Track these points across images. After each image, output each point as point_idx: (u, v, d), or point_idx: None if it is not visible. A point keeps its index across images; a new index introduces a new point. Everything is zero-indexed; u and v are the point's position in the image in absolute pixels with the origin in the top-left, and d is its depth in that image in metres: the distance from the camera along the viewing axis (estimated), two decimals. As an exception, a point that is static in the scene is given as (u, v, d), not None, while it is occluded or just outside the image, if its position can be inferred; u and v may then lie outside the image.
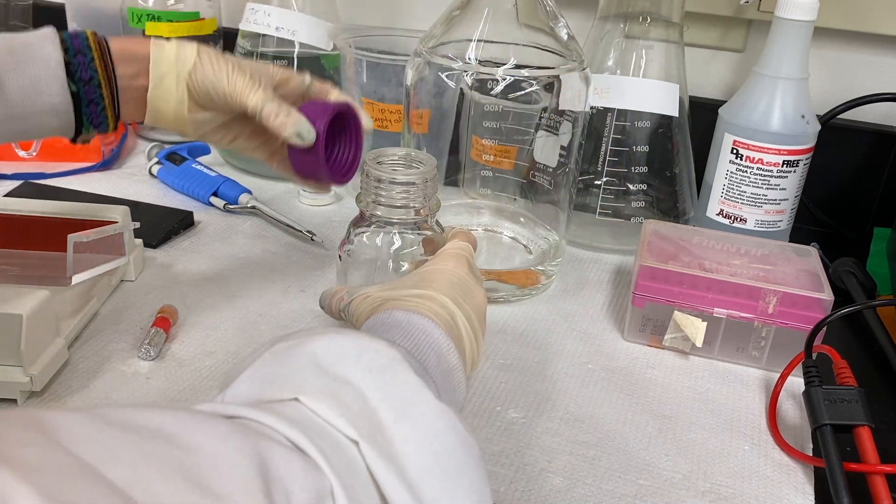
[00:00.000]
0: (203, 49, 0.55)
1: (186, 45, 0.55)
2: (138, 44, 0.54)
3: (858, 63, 0.85)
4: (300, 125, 0.53)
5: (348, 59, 0.80)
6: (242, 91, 0.54)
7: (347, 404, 0.33)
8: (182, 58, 0.54)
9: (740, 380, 0.60)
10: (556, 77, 0.64)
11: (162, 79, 0.54)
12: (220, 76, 0.54)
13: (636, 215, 0.77)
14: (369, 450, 0.32)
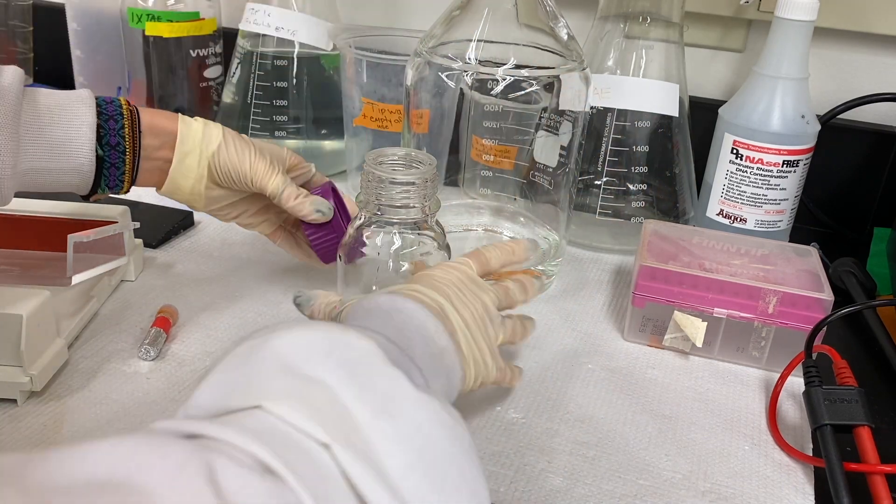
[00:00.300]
0: (228, 132, 0.58)
1: (212, 126, 0.58)
2: (167, 119, 0.57)
3: (858, 63, 0.85)
4: (318, 203, 0.59)
5: (348, 59, 0.80)
6: (263, 175, 0.58)
7: (317, 406, 0.32)
8: (207, 138, 0.57)
9: (740, 380, 0.60)
10: (556, 77, 0.64)
11: (186, 156, 0.57)
12: (242, 160, 0.57)
13: (636, 215, 0.77)
14: (342, 452, 0.30)
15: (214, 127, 0.58)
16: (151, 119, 0.57)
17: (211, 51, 0.94)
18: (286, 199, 0.59)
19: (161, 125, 0.57)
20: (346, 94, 0.82)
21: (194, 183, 0.58)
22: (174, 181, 0.58)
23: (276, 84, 0.86)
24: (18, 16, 0.99)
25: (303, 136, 0.88)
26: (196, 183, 0.58)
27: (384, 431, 0.32)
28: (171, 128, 0.57)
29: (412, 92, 0.67)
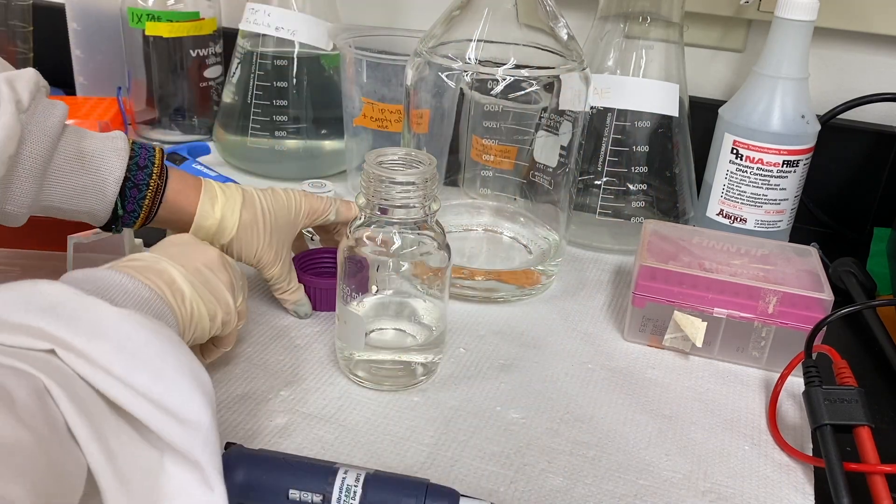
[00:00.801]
0: (243, 221, 0.58)
1: (228, 216, 0.58)
2: (189, 197, 0.57)
3: (858, 63, 0.85)
4: (299, 306, 0.62)
5: (348, 59, 0.80)
6: (266, 265, 0.60)
7: (31, 335, 0.36)
8: (222, 230, 0.58)
9: (740, 380, 0.60)
10: (556, 77, 0.64)
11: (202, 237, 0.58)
12: (250, 251, 0.59)
13: (636, 215, 0.77)
14: (66, 354, 0.36)
15: (230, 216, 0.58)
16: (175, 196, 0.57)
17: (211, 51, 0.94)
18: (277, 290, 0.62)
19: (181, 205, 0.57)
20: (346, 94, 0.82)
21: None
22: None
23: (276, 84, 0.86)
24: (18, 15, 0.99)
25: (303, 136, 0.88)
26: None
27: (101, 349, 0.36)
28: (190, 210, 0.57)
29: (412, 92, 0.67)
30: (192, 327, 0.48)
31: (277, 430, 0.51)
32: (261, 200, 0.59)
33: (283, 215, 0.60)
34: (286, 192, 0.61)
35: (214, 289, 0.50)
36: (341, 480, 0.42)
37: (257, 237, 0.59)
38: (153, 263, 0.48)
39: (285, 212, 0.60)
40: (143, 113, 0.95)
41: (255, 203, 0.59)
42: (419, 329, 0.57)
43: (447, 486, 0.43)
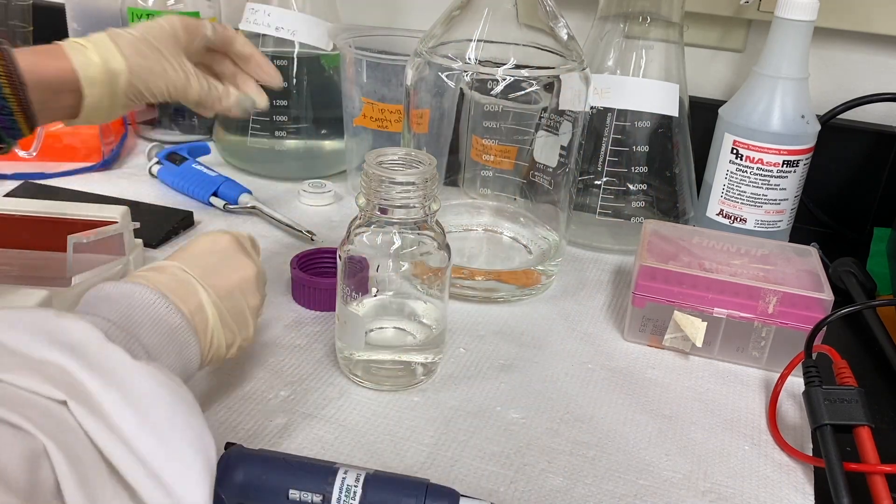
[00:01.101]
0: (128, 50, 0.53)
1: (111, 56, 0.52)
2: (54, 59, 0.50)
3: (858, 63, 0.85)
4: (244, 101, 0.59)
5: (348, 59, 0.80)
6: (182, 88, 0.55)
7: (50, 374, 0.35)
8: (113, 72, 0.52)
9: (740, 380, 0.60)
10: (556, 77, 0.64)
11: (98, 101, 0.53)
12: (157, 80, 0.54)
13: (636, 215, 0.77)
14: (78, 407, 0.34)
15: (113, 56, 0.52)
16: (36, 68, 0.49)
17: (211, 51, 0.94)
18: (211, 106, 0.58)
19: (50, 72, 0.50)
20: (346, 94, 0.82)
21: (110, 112, 0.55)
22: (88, 112, 0.53)
23: (276, 84, 0.86)
24: (18, 15, 0.99)
25: (303, 136, 0.88)
26: (111, 109, 0.54)
27: (113, 399, 0.36)
28: (64, 71, 0.50)
29: (412, 92, 0.67)
30: (208, 356, 0.47)
31: (277, 430, 0.51)
32: (128, 31, 0.55)
33: (159, 33, 0.55)
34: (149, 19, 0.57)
35: (239, 316, 0.49)
36: (341, 480, 0.42)
37: (155, 61, 0.54)
38: (184, 281, 0.46)
39: (158, 29, 0.56)
40: (144, 113, 0.95)
41: (124, 34, 0.54)
42: (419, 328, 0.58)
43: (447, 486, 0.43)
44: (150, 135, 0.96)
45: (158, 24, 0.56)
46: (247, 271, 0.50)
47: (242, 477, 0.42)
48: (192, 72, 0.56)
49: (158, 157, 0.86)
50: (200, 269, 0.47)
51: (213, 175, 0.82)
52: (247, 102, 0.60)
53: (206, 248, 0.50)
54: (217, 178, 0.82)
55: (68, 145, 0.88)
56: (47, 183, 0.83)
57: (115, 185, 0.84)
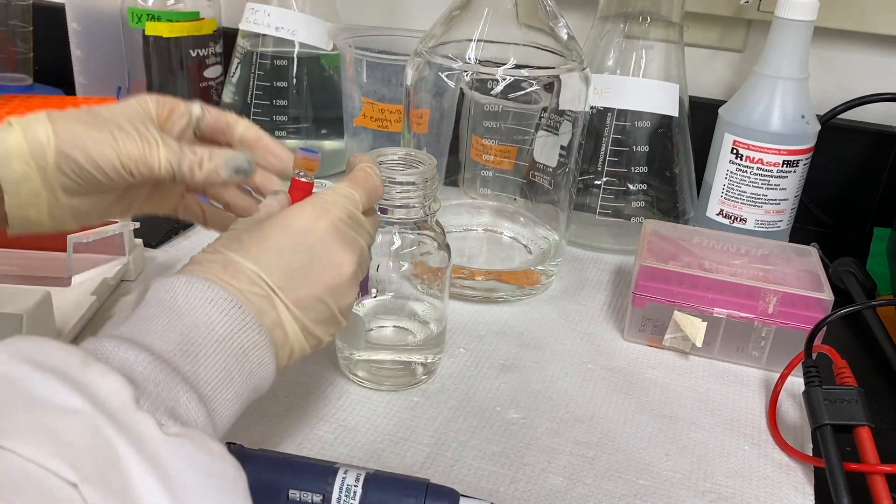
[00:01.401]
0: (57, 121, 0.41)
1: (36, 126, 0.40)
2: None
3: (858, 63, 0.85)
4: (234, 160, 0.43)
5: (348, 59, 0.80)
6: (141, 156, 0.41)
7: (68, 440, 0.28)
8: (35, 145, 0.40)
9: (740, 380, 0.60)
10: (556, 77, 0.64)
11: (19, 183, 0.40)
12: (101, 148, 0.41)
13: (636, 215, 0.77)
14: (92, 493, 0.27)
15: (38, 123, 0.41)
16: None
17: (211, 51, 0.94)
18: (190, 173, 0.42)
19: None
20: (346, 94, 0.82)
21: (49, 208, 0.42)
22: (18, 216, 0.42)
23: (276, 84, 0.86)
24: (18, 15, 0.99)
25: (303, 136, 0.88)
26: (51, 207, 0.42)
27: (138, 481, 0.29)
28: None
29: (412, 92, 0.67)
30: (287, 366, 0.41)
31: (277, 431, 0.51)
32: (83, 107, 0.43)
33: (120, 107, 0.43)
34: None
35: (328, 320, 0.41)
36: (341, 480, 0.42)
37: (91, 125, 0.41)
38: (260, 289, 0.38)
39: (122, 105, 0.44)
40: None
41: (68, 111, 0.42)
42: (419, 327, 0.58)
43: (447, 486, 0.43)
44: (150, 135, 0.95)
45: (124, 102, 0.44)
46: (342, 269, 0.41)
47: (242, 477, 0.42)
48: (154, 135, 0.42)
49: (158, 157, 0.86)
50: (281, 274, 0.39)
51: (213, 175, 0.82)
52: (239, 159, 0.43)
53: (295, 241, 0.40)
54: (217, 178, 0.82)
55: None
56: (47, 183, 0.83)
57: (115, 185, 0.84)
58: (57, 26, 1.00)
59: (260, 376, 0.38)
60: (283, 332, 0.39)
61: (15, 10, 0.99)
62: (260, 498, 0.42)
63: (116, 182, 0.42)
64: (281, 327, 0.39)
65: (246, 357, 0.37)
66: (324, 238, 0.41)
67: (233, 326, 0.37)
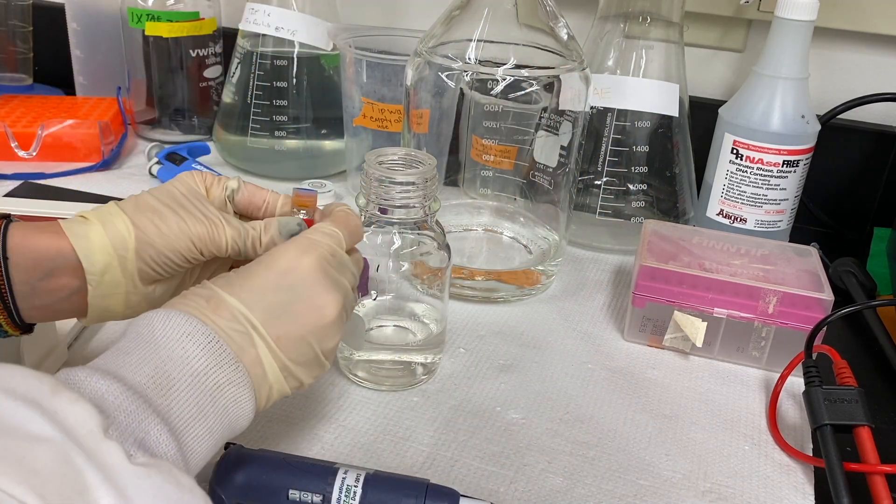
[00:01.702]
0: (131, 212, 0.43)
1: (114, 219, 0.43)
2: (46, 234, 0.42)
3: (858, 63, 0.85)
4: (287, 225, 0.45)
5: (348, 59, 0.80)
6: (210, 237, 0.44)
7: (35, 467, 0.28)
8: (116, 237, 0.42)
9: (740, 380, 0.60)
10: (556, 77, 0.64)
11: (102, 274, 0.42)
12: (175, 234, 0.43)
13: (636, 215, 0.77)
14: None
15: (115, 218, 0.43)
16: (23, 241, 0.41)
17: (211, 51, 0.94)
18: (253, 250, 0.45)
19: (40, 247, 0.41)
20: (346, 94, 0.82)
21: (127, 296, 0.44)
22: (100, 307, 0.44)
23: (276, 84, 0.86)
24: (18, 15, 0.99)
25: (303, 136, 0.88)
26: (129, 295, 0.44)
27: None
28: (59, 246, 0.42)
29: (412, 92, 0.67)
30: (265, 406, 0.40)
31: (277, 431, 0.51)
32: (136, 195, 0.45)
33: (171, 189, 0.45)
34: None
35: (310, 362, 0.41)
36: (341, 480, 0.42)
37: (170, 215, 0.43)
38: (241, 331, 0.38)
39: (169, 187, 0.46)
40: (143, 113, 0.95)
41: (130, 198, 0.45)
42: (419, 327, 0.58)
43: (447, 486, 0.43)
44: (150, 135, 0.96)
45: (172, 184, 0.46)
46: (326, 311, 0.41)
47: (242, 477, 0.42)
48: (217, 215, 0.44)
49: (158, 157, 0.86)
50: (263, 311, 0.39)
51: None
52: (291, 224, 0.46)
53: (279, 280, 0.40)
54: (217, 178, 0.82)
55: (68, 145, 0.88)
56: (47, 183, 0.83)
57: (115, 185, 0.84)
58: (57, 26, 1.00)
59: (236, 413, 0.38)
60: (262, 370, 0.39)
61: (15, 10, 0.99)
62: (260, 498, 0.42)
63: (190, 264, 0.44)
64: (259, 365, 0.39)
65: (221, 393, 0.37)
66: (306, 277, 0.41)
67: (209, 361, 0.37)
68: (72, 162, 0.87)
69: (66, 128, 0.88)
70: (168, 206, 0.44)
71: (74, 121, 0.88)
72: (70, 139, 0.87)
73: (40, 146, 0.87)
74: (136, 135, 0.97)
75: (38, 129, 0.87)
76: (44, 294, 0.42)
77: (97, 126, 0.88)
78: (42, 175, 0.84)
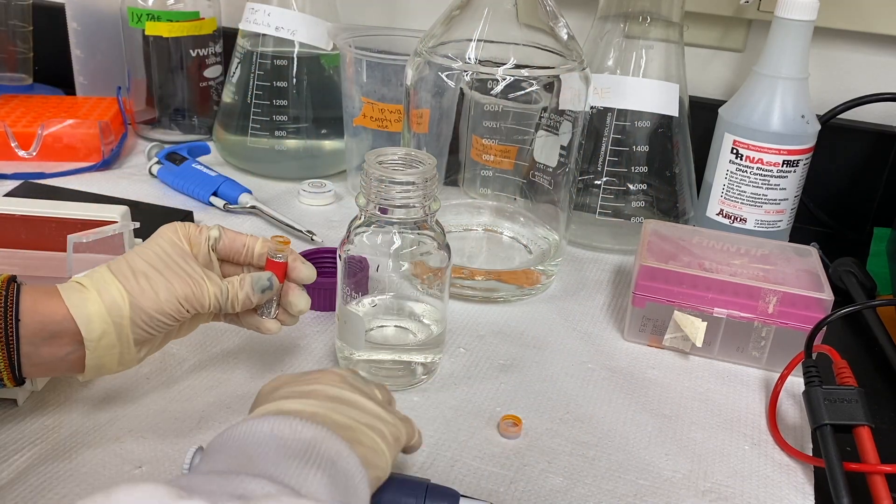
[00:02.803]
0: (122, 278, 0.46)
1: (108, 287, 0.45)
2: (52, 301, 0.44)
3: (858, 63, 0.85)
4: (258, 282, 0.50)
5: (348, 59, 0.80)
6: (194, 296, 0.47)
7: None
8: (111, 305, 0.45)
9: (740, 380, 0.60)
10: (556, 77, 0.64)
11: (99, 340, 0.45)
12: (167, 300, 0.46)
13: (636, 215, 0.77)
14: None
15: (110, 285, 0.45)
16: (33, 305, 0.44)
17: (211, 50, 0.94)
18: (232, 307, 0.49)
19: (46, 313, 0.44)
20: (346, 93, 0.82)
21: (120, 356, 0.46)
22: (95, 367, 0.46)
23: (276, 84, 0.86)
24: (18, 15, 0.99)
25: (303, 135, 0.88)
26: (122, 355, 0.46)
27: None
28: (63, 313, 0.44)
29: (412, 92, 0.67)
30: None
31: (277, 430, 0.51)
32: (126, 255, 0.48)
33: (158, 249, 0.48)
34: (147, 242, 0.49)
35: None
36: (341, 480, 0.42)
37: (154, 279, 0.46)
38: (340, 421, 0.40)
39: (156, 245, 0.49)
40: (143, 113, 0.95)
41: (121, 260, 0.47)
42: (419, 327, 0.58)
43: (447, 486, 0.43)
44: (150, 134, 0.96)
45: (154, 242, 0.49)
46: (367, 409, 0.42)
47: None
48: (200, 274, 0.48)
49: (158, 157, 0.86)
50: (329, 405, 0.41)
51: (213, 175, 0.82)
52: (262, 280, 0.50)
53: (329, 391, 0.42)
54: (217, 178, 0.82)
55: (68, 145, 0.88)
56: (47, 183, 0.83)
57: (115, 185, 0.84)
58: (57, 26, 1.00)
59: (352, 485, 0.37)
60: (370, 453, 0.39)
61: (15, 10, 0.99)
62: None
63: (177, 322, 0.48)
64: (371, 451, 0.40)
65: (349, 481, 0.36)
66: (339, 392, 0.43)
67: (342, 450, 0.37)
68: (72, 162, 0.87)
69: (66, 128, 0.88)
70: (156, 269, 0.47)
71: (74, 121, 0.88)
72: (70, 139, 0.87)
73: (40, 146, 0.87)
74: (136, 134, 0.97)
75: (38, 129, 0.87)
76: (45, 354, 0.44)
77: (97, 126, 0.88)
78: (42, 175, 0.84)
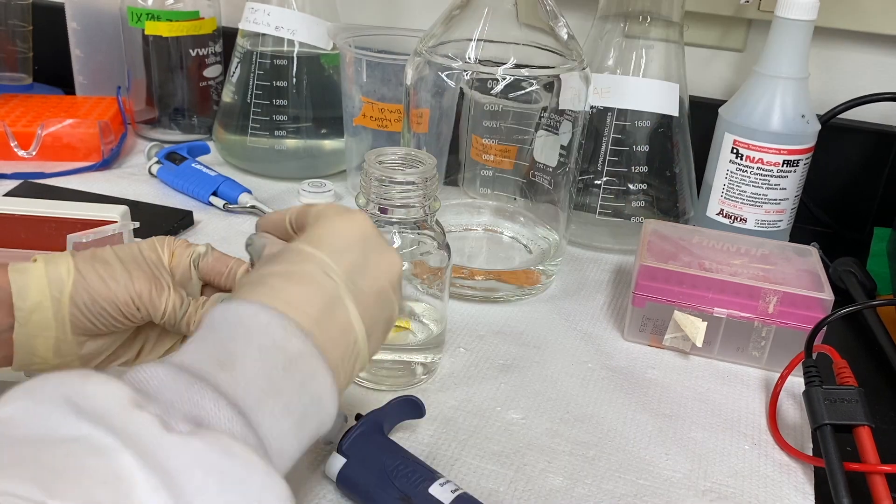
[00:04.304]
0: (80, 258, 0.43)
1: (58, 260, 0.43)
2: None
3: (858, 63, 0.85)
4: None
5: (348, 59, 0.80)
6: (149, 297, 0.43)
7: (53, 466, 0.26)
8: (54, 277, 0.42)
9: (740, 380, 0.60)
10: (556, 76, 0.64)
11: (32, 312, 0.42)
12: (114, 285, 0.42)
13: (636, 215, 0.77)
14: None
15: (62, 260, 0.43)
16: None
17: (210, 50, 0.94)
18: (188, 324, 0.45)
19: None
20: (346, 93, 0.82)
21: (56, 342, 0.43)
22: (25, 346, 0.42)
23: (276, 83, 0.86)
24: (18, 15, 0.99)
25: (303, 135, 0.88)
26: (59, 342, 0.43)
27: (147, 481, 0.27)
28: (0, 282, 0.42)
29: (412, 91, 0.67)
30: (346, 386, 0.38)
31: (277, 430, 0.51)
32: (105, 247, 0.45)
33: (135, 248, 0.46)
34: None
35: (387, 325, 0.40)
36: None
37: (113, 265, 0.43)
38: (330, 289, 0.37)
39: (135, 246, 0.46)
40: (143, 112, 0.95)
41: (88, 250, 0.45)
42: (419, 327, 0.57)
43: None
44: (150, 134, 0.96)
45: (134, 243, 0.47)
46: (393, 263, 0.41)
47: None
48: (168, 281, 0.45)
49: (158, 157, 0.86)
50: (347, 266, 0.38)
51: (213, 175, 0.82)
52: None
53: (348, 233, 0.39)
54: (217, 178, 0.82)
55: (68, 145, 0.88)
56: (47, 182, 0.83)
57: (115, 185, 0.84)
58: (57, 26, 1.00)
59: (316, 390, 0.35)
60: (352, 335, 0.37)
61: (15, 10, 0.99)
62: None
63: (123, 322, 0.43)
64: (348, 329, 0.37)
65: (295, 364, 0.34)
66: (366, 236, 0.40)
67: (280, 334, 0.34)
68: (71, 161, 0.87)
69: (66, 127, 0.88)
70: (120, 261, 0.44)
71: (74, 120, 0.88)
72: (70, 139, 0.87)
73: (40, 146, 0.87)
74: (136, 134, 0.97)
75: (37, 129, 0.87)
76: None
77: (97, 126, 0.88)
78: (42, 174, 0.84)
